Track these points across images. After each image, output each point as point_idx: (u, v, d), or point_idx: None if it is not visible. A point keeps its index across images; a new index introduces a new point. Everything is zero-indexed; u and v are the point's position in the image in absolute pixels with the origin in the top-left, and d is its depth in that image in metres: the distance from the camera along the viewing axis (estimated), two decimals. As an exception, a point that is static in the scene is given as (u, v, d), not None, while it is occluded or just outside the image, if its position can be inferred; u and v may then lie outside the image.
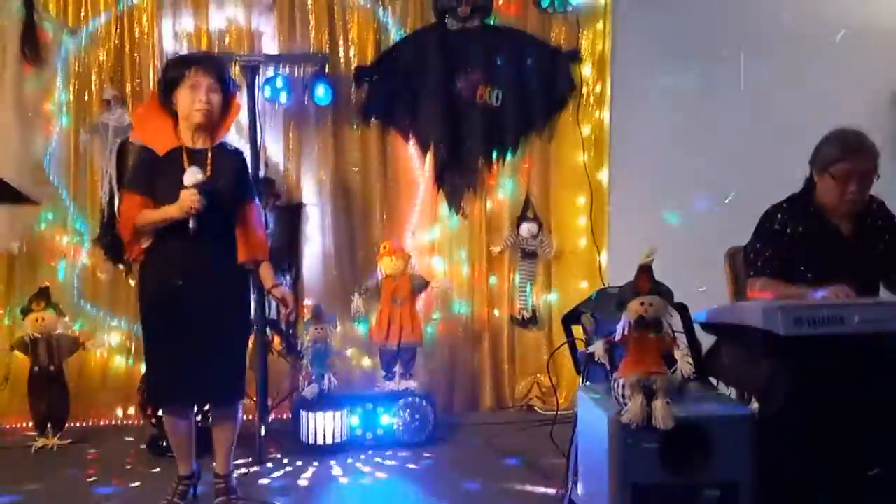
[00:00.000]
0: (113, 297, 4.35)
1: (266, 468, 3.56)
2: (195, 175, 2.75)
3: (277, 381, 4.19)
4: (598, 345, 2.50)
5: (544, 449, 3.58)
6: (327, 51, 4.38)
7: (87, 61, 4.31)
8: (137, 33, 4.32)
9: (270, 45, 4.39)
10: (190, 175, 2.75)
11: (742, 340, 2.65)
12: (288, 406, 4.18)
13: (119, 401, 4.31)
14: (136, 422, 4.17)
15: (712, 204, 4.22)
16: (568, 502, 2.82)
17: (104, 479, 3.43)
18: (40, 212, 4.23)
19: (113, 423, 4.28)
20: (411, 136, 4.51)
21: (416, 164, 4.55)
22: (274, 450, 3.76)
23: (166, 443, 3.35)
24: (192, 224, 2.75)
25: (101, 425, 4.26)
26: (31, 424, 3.94)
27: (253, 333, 3.51)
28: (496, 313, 4.61)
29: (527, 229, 4.46)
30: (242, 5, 4.34)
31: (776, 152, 3.94)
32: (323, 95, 4.23)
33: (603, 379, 2.76)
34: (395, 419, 3.85)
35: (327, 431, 3.77)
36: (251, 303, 3.19)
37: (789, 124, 4.11)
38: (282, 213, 4.28)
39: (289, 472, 3.52)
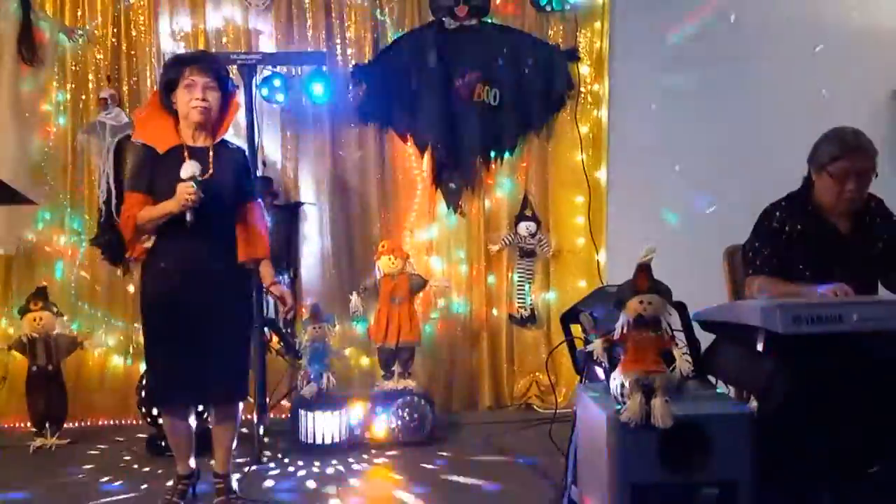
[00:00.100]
0: (110, 297, 4.35)
1: (265, 467, 3.55)
2: (191, 167, 2.74)
3: (276, 381, 4.19)
4: (597, 343, 2.50)
5: (543, 448, 3.57)
6: (325, 50, 4.37)
7: (84, 61, 4.30)
8: (135, 33, 4.31)
9: (268, 45, 4.38)
10: (186, 168, 2.74)
11: (741, 339, 2.66)
12: (287, 405, 4.18)
13: (117, 400, 4.30)
14: (135, 421, 4.16)
15: (711, 203, 4.22)
16: (567, 501, 2.81)
17: (103, 479, 3.42)
18: (37, 212, 4.22)
19: (111, 423, 4.27)
20: (409, 136, 4.51)
21: (414, 163, 4.54)
22: (272, 449, 3.75)
23: (165, 442, 3.35)
24: (190, 217, 2.74)
25: (100, 425, 4.25)
26: (30, 424, 3.94)
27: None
28: (495, 312, 4.61)
29: (525, 228, 4.46)
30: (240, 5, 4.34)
31: (774, 151, 3.94)
32: (320, 94, 4.23)
33: (602, 377, 2.76)
34: (394, 418, 3.85)
35: (326, 431, 3.76)
36: (253, 303, 3.18)
37: (787, 123, 4.11)
38: (280, 213, 4.28)
39: (287, 472, 3.51)
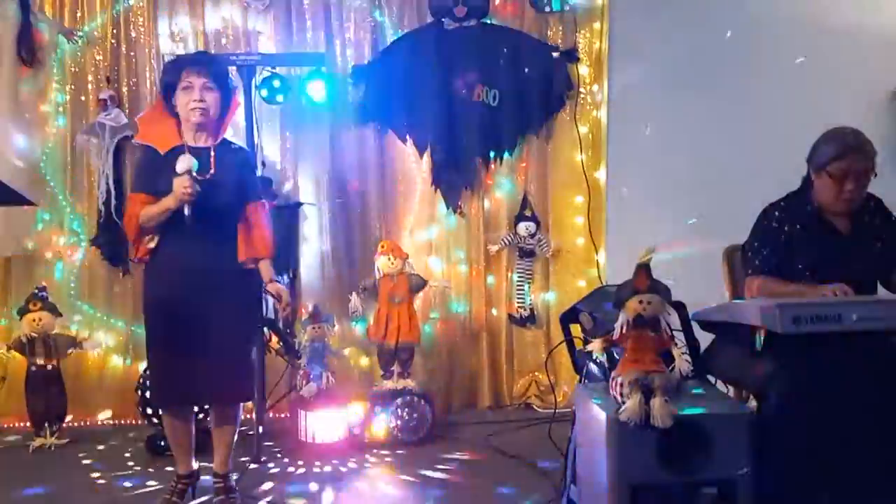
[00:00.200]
0: (110, 297, 4.35)
1: (264, 467, 3.55)
2: (186, 161, 2.74)
3: (275, 381, 4.19)
4: (597, 343, 2.50)
5: (542, 447, 3.57)
6: (324, 50, 4.37)
7: (84, 62, 4.30)
8: (134, 34, 4.31)
9: (267, 45, 4.38)
10: (181, 162, 2.75)
11: (740, 339, 2.66)
12: (286, 405, 4.18)
13: (117, 400, 4.30)
14: (134, 421, 4.16)
15: (710, 202, 4.22)
16: (566, 500, 2.82)
17: (102, 479, 3.42)
18: (37, 213, 4.22)
19: (111, 423, 4.28)
20: (408, 136, 4.51)
21: (414, 164, 4.54)
22: (272, 449, 3.75)
23: (164, 442, 3.35)
24: (188, 212, 2.74)
25: (99, 425, 4.25)
26: (29, 424, 3.94)
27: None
28: (494, 312, 4.61)
29: (524, 228, 4.47)
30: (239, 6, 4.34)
31: (774, 151, 3.94)
32: (320, 95, 4.23)
33: (601, 377, 2.77)
34: (393, 418, 3.85)
35: (325, 430, 3.77)
36: (256, 303, 3.18)
37: (787, 123, 4.11)
38: (279, 213, 4.27)
39: (287, 472, 3.51)
